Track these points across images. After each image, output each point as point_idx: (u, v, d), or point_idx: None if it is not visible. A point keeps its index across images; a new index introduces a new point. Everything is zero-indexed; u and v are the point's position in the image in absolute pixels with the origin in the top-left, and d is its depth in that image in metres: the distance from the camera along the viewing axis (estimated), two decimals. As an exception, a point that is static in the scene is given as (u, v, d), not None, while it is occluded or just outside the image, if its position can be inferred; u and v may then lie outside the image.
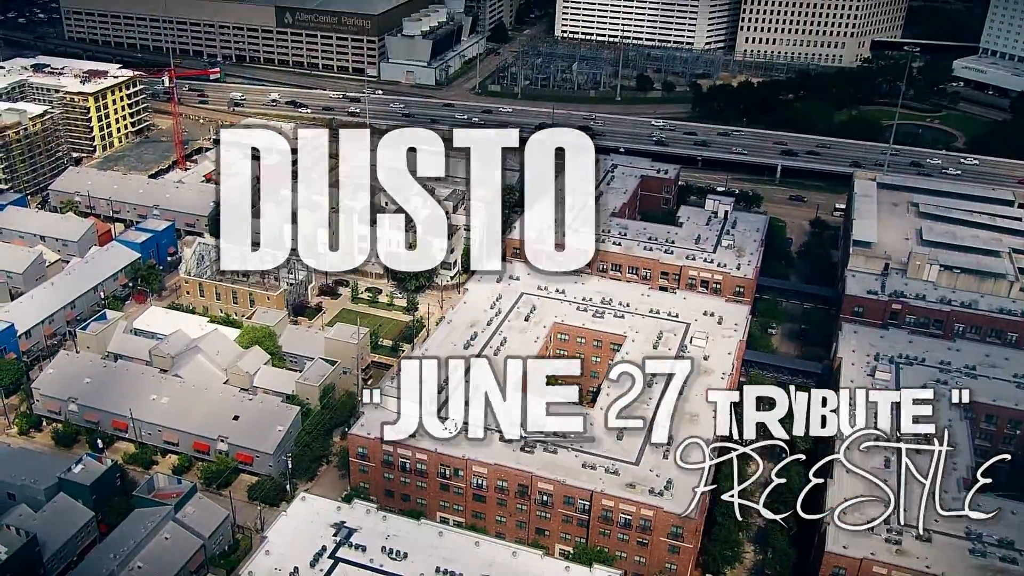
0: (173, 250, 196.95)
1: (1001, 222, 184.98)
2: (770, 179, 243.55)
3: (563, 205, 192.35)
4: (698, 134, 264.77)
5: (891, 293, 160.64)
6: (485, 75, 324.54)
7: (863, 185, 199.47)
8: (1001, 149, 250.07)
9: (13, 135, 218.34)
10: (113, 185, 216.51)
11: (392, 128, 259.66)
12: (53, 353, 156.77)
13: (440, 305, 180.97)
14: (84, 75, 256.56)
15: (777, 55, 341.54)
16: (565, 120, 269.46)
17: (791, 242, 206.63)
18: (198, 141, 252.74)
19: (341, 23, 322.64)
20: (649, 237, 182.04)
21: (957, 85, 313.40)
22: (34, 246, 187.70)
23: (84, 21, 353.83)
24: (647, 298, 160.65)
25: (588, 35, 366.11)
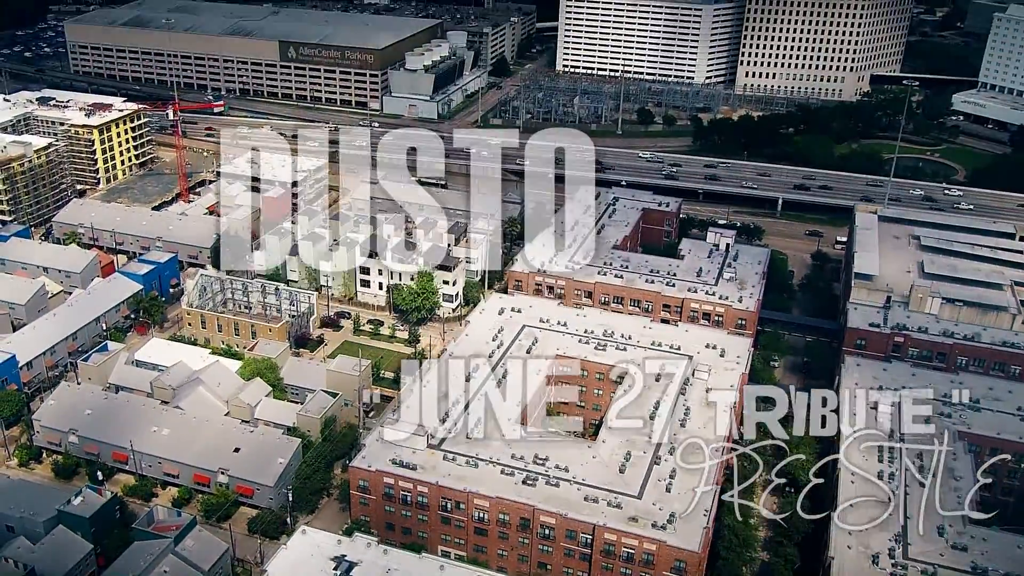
0: (175, 282, 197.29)
1: (1002, 255, 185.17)
2: (771, 212, 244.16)
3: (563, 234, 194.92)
4: (705, 167, 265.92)
5: (893, 326, 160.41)
6: (487, 109, 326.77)
7: (864, 218, 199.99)
8: (1002, 182, 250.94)
9: (17, 167, 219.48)
10: (116, 217, 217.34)
11: (394, 160, 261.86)
12: (54, 384, 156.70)
13: (442, 337, 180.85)
14: (89, 108, 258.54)
15: (777, 89, 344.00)
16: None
17: (793, 275, 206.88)
18: (201, 173, 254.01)
19: (344, 57, 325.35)
20: (651, 270, 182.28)
21: (956, 119, 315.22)
22: (37, 277, 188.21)
23: (89, 55, 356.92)
24: (649, 331, 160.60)
25: (589, 69, 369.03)
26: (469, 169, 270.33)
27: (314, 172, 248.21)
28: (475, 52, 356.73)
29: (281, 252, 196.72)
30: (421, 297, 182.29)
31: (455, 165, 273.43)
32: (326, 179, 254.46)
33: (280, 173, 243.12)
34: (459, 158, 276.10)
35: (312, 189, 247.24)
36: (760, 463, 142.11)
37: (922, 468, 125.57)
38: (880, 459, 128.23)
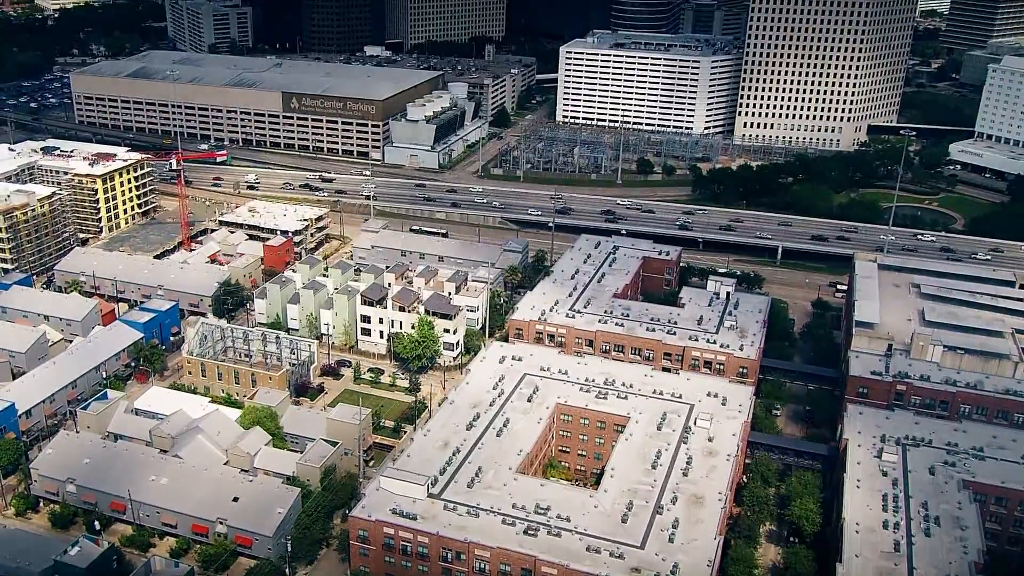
0: (176, 330, 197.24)
1: (1003, 303, 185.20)
2: (771, 260, 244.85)
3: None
4: (712, 217, 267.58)
5: (895, 374, 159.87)
6: (488, 159, 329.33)
7: (864, 266, 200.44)
8: (1000, 231, 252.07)
9: (20, 216, 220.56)
10: (118, 265, 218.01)
11: (396, 210, 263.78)
12: (53, 433, 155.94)
13: (443, 386, 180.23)
14: (93, 158, 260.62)
15: (775, 139, 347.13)
16: (568, 201, 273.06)
17: (793, 323, 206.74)
18: (204, 222, 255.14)
19: (346, 108, 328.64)
20: (651, 318, 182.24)
21: (954, 168, 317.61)
22: (38, 325, 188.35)
23: (94, 106, 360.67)
24: (650, 379, 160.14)
25: (589, 120, 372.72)
26: (470, 218, 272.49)
27: (315, 221, 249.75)
28: (476, 103, 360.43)
29: (282, 300, 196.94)
30: (422, 345, 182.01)
31: (456, 214, 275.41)
32: (327, 228, 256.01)
33: (281, 222, 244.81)
34: (460, 207, 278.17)
35: (313, 238, 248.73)
36: (764, 513, 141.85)
37: (927, 517, 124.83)
38: (884, 508, 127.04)
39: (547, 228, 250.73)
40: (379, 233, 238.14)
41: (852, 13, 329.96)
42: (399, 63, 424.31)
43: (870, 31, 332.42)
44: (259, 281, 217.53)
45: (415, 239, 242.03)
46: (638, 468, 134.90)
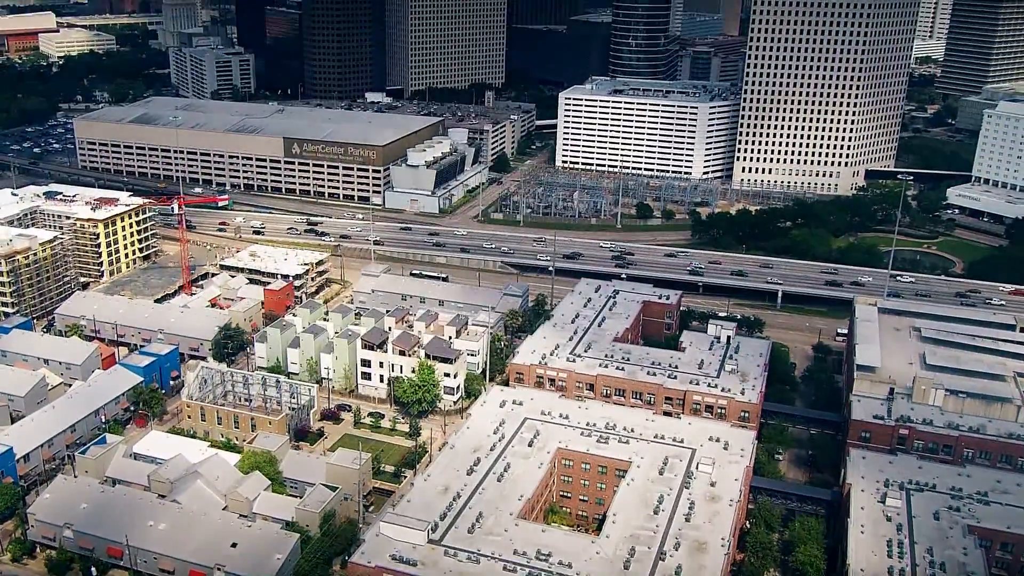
0: (176, 374, 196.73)
1: (1004, 346, 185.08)
2: (771, 304, 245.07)
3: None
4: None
5: (898, 418, 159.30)
6: (488, 203, 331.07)
7: (864, 310, 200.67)
8: (1000, 274, 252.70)
9: (22, 260, 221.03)
10: (119, 309, 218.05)
11: (397, 254, 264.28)
12: (51, 477, 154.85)
13: (443, 430, 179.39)
14: (95, 202, 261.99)
15: (773, 184, 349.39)
16: (569, 246, 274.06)
17: (794, 367, 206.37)
18: (205, 266, 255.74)
19: (347, 153, 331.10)
20: (652, 362, 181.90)
21: (952, 212, 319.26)
22: (37, 369, 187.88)
23: (97, 151, 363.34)
24: (652, 423, 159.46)
25: (588, 165, 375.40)
26: (470, 262, 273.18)
27: (316, 265, 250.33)
28: (476, 148, 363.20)
29: (282, 344, 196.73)
30: (422, 390, 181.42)
31: (457, 258, 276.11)
32: (328, 272, 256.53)
33: (282, 266, 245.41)
34: (461, 251, 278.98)
35: (314, 282, 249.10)
36: (767, 559, 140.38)
37: (932, 563, 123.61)
38: (889, 554, 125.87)
39: (547, 272, 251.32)
40: (380, 277, 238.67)
41: (848, 60, 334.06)
42: (400, 109, 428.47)
43: (866, 77, 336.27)
44: (260, 325, 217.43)
45: (416, 283, 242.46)
46: (640, 513, 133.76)
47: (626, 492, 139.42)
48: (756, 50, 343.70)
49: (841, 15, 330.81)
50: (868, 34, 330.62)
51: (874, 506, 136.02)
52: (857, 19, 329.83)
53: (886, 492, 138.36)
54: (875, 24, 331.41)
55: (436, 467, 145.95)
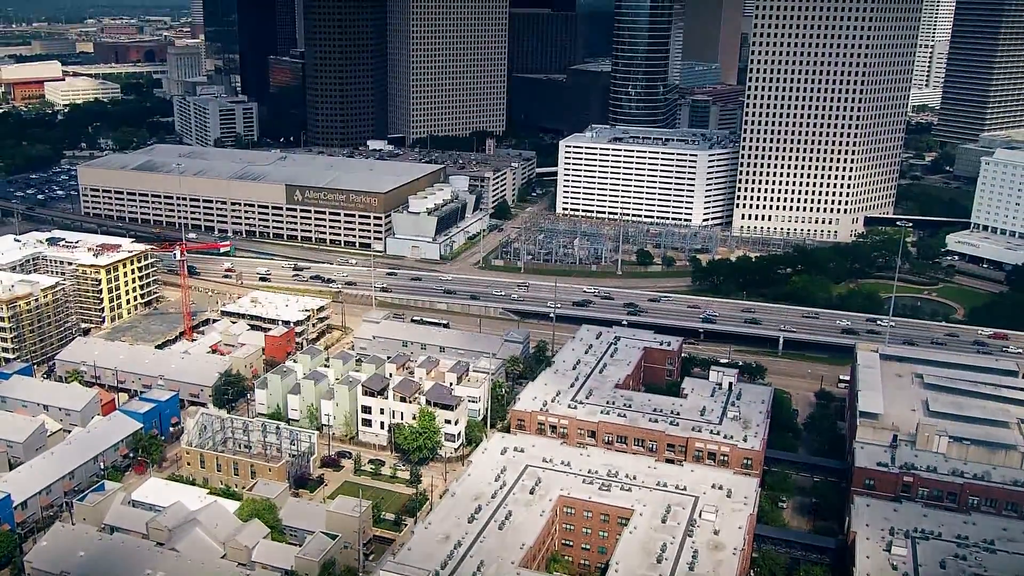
0: (176, 420, 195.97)
1: (1007, 392, 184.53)
2: (772, 350, 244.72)
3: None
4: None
5: (902, 465, 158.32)
6: (489, 250, 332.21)
7: (866, 356, 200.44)
8: (1001, 320, 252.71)
9: (24, 306, 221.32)
10: (119, 355, 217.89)
11: (399, 301, 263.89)
12: (48, 525, 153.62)
13: (444, 477, 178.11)
14: (97, 249, 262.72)
15: (773, 231, 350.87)
16: (569, 292, 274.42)
17: (797, 413, 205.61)
18: (206, 312, 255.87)
19: (349, 200, 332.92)
20: (654, 409, 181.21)
21: (952, 258, 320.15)
22: (37, 415, 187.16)
23: (100, 197, 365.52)
24: (654, 471, 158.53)
25: (588, 212, 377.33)
26: (471, 309, 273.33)
27: (317, 311, 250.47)
28: (477, 195, 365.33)
29: (283, 391, 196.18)
30: (423, 436, 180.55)
31: (457, 305, 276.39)
32: (329, 318, 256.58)
33: (283, 312, 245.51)
34: (461, 298, 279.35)
35: (315, 328, 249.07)
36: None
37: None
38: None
39: (548, 318, 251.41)
40: (381, 324, 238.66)
41: (846, 108, 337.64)
42: (401, 157, 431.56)
43: (864, 125, 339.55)
44: (260, 371, 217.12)
45: (416, 329, 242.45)
46: (643, 562, 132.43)
47: (628, 540, 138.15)
48: (754, 99, 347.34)
49: (838, 63, 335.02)
50: (865, 82, 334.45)
51: (880, 555, 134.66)
52: (854, 67, 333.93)
53: (891, 540, 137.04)
54: (872, 72, 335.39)
55: (437, 515, 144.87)
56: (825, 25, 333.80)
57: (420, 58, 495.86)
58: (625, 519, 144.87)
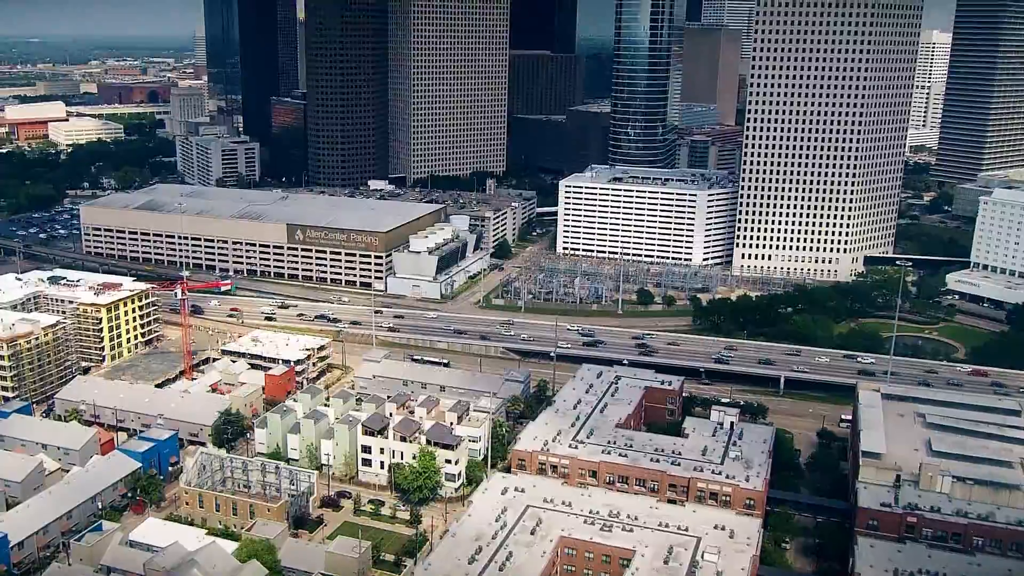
0: (175, 460, 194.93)
1: (1009, 432, 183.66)
2: (774, 390, 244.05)
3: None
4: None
5: (905, 506, 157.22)
6: (489, 289, 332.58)
7: (867, 396, 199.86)
8: (1002, 360, 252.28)
9: (24, 344, 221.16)
10: (119, 394, 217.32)
11: (403, 340, 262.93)
12: (45, 565, 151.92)
13: (444, 518, 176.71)
14: (98, 287, 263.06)
15: (773, 270, 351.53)
16: (572, 335, 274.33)
17: (799, 453, 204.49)
18: (206, 351, 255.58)
19: (349, 240, 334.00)
20: (656, 448, 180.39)
21: (952, 298, 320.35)
22: (35, 454, 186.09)
23: (102, 237, 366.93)
24: (656, 511, 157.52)
25: (589, 251, 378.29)
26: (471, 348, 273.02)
27: (317, 350, 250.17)
28: (477, 235, 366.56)
29: (283, 430, 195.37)
30: (423, 476, 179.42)
31: (458, 344, 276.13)
32: (329, 357, 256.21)
33: (284, 351, 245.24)
34: (462, 337, 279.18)
35: (315, 367, 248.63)
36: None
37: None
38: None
39: (549, 358, 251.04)
40: (381, 363, 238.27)
41: (844, 148, 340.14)
42: (402, 196, 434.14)
43: (862, 165, 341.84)
44: (260, 411, 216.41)
45: (417, 369, 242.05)
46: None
47: None
48: (753, 139, 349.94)
49: (836, 103, 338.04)
50: (863, 122, 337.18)
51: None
52: (852, 107, 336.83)
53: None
54: (870, 112, 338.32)
55: (437, 556, 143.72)
56: (823, 66, 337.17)
57: (421, 99, 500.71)
58: (627, 560, 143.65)
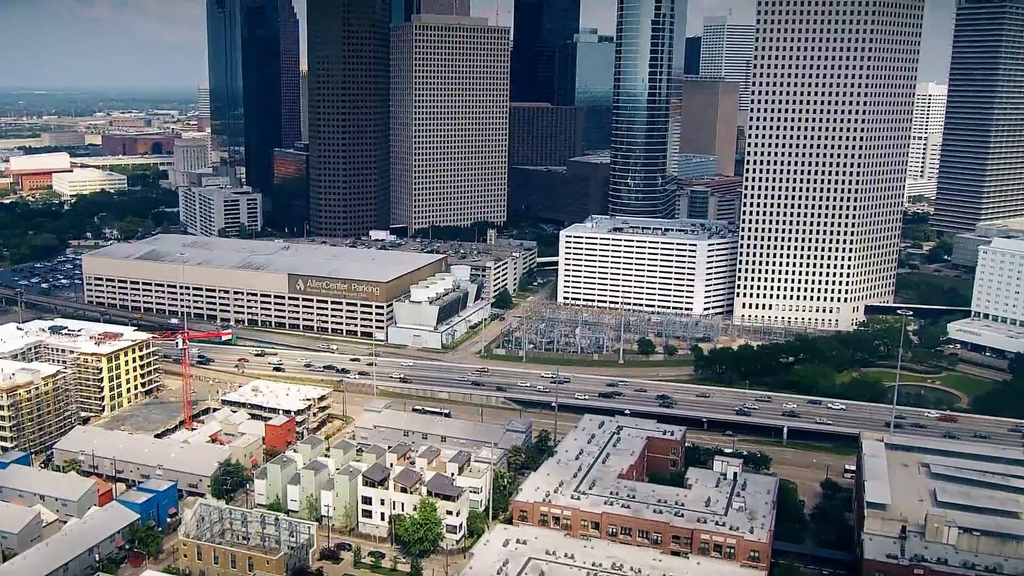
0: (174, 511, 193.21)
1: (1015, 482, 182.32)
2: (776, 440, 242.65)
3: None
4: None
5: (911, 557, 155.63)
6: (490, 339, 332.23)
7: (871, 446, 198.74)
8: (1005, 409, 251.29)
9: (24, 394, 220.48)
10: (118, 445, 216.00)
11: (399, 392, 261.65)
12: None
13: (445, 570, 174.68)
14: (99, 337, 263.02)
15: (774, 319, 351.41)
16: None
17: (803, 504, 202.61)
18: (207, 401, 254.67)
19: (351, 289, 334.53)
20: (658, 499, 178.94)
21: (954, 347, 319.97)
22: (33, 505, 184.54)
23: (104, 286, 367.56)
24: (659, 563, 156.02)
25: (590, 301, 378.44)
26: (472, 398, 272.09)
27: (318, 401, 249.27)
28: (478, 285, 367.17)
29: (282, 481, 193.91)
30: (424, 528, 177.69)
31: (459, 394, 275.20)
32: (330, 407, 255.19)
33: (284, 401, 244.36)
34: (463, 387, 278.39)
35: (316, 417, 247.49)
36: None
37: None
38: None
39: (550, 408, 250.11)
40: (382, 413, 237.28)
41: (843, 198, 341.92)
42: (403, 247, 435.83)
43: (861, 215, 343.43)
44: (260, 461, 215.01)
45: (418, 419, 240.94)
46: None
47: None
48: (752, 189, 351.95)
49: (834, 153, 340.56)
50: (861, 172, 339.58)
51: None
52: (850, 157, 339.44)
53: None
54: (868, 163, 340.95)
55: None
56: (820, 117, 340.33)
57: (422, 150, 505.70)
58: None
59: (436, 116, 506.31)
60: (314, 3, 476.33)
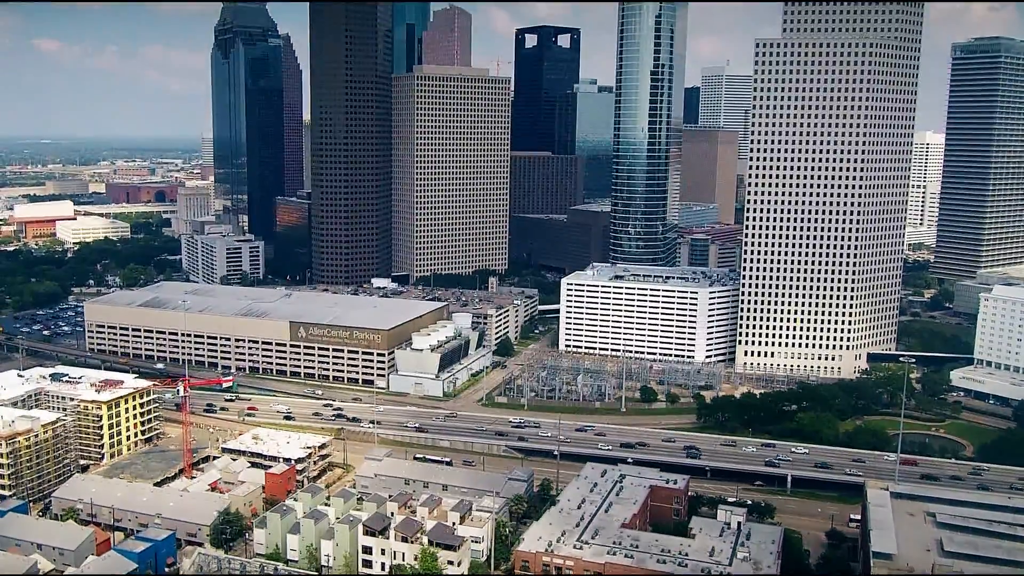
0: (172, 560, 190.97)
1: (1022, 531, 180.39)
2: (780, 489, 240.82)
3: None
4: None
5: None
6: (492, 387, 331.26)
7: (876, 495, 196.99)
8: (1010, 457, 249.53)
9: (23, 442, 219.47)
10: (117, 493, 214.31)
11: (403, 440, 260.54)
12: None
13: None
14: (100, 385, 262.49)
15: (777, 367, 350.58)
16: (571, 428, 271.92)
17: (808, 554, 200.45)
18: (207, 449, 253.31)
19: (352, 337, 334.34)
20: (662, 549, 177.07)
21: (957, 394, 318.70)
22: (30, 555, 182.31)
23: (105, 334, 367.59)
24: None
25: (591, 349, 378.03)
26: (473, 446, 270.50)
27: (319, 449, 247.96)
28: (480, 333, 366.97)
29: (282, 530, 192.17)
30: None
31: (460, 442, 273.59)
32: (331, 456, 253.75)
33: (284, 449, 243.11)
34: (464, 435, 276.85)
35: (316, 466, 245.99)
36: None
37: None
38: None
39: (552, 456, 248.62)
40: (383, 461, 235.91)
41: (843, 246, 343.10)
42: (405, 294, 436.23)
43: (861, 263, 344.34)
44: (260, 510, 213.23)
45: (419, 467, 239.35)
46: None
47: None
48: (752, 236, 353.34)
49: (834, 202, 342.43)
50: (861, 220, 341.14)
51: None
52: (848, 207, 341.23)
53: None
54: (867, 211, 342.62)
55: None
56: (820, 164, 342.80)
57: (424, 198, 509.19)
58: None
59: (438, 165, 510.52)
60: (317, 54, 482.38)
